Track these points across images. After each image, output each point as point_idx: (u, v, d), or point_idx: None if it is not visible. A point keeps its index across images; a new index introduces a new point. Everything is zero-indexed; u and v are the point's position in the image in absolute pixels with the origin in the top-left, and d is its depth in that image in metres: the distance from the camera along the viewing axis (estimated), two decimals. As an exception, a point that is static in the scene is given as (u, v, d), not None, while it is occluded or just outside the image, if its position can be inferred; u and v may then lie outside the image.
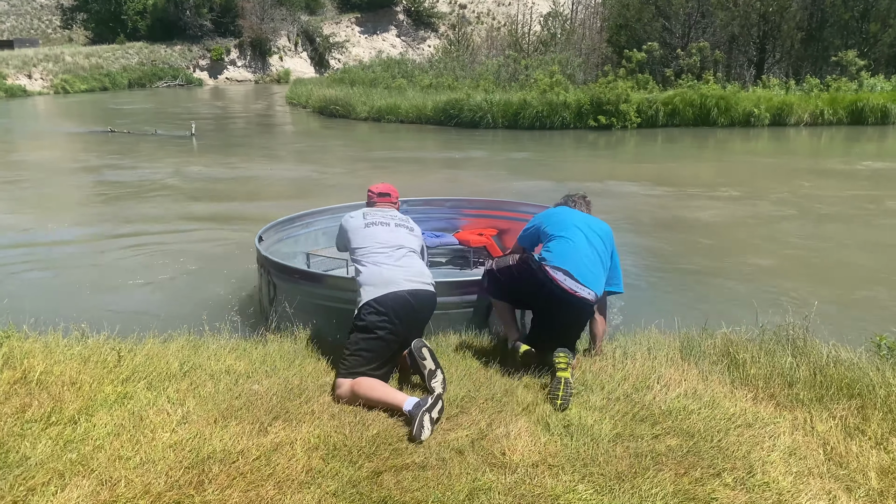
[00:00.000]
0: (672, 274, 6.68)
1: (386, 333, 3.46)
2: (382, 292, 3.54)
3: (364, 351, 3.41)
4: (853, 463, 2.75)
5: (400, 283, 3.58)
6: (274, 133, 21.60)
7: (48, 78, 39.83)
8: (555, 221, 3.96)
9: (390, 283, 3.57)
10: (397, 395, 3.19)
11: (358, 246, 3.82)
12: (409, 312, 3.56)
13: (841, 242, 7.75)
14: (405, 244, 3.86)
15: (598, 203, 4.72)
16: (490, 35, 35.99)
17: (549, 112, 19.10)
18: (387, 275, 3.62)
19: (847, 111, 19.32)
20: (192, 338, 4.09)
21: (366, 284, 3.61)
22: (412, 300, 3.57)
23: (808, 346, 3.74)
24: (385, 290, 3.55)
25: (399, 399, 3.13)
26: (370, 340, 3.44)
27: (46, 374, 3.37)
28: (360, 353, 3.41)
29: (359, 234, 3.87)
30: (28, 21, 56.68)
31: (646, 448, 2.83)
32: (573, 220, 3.93)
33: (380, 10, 59.97)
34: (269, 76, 52.01)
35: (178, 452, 2.73)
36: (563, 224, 3.90)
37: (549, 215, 4.06)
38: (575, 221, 3.91)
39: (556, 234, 3.86)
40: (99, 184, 11.84)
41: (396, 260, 3.73)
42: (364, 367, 3.36)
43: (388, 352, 3.49)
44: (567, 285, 3.61)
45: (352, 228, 3.92)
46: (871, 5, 24.09)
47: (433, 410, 2.99)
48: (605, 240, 3.91)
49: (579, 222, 3.91)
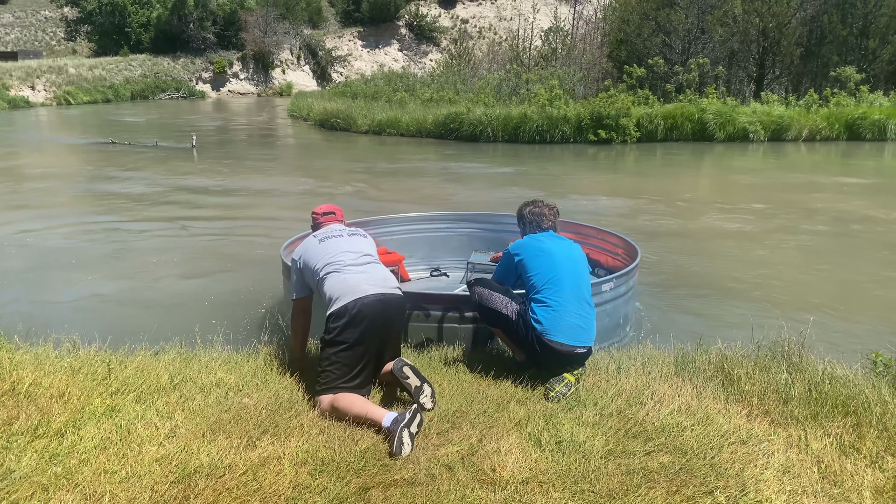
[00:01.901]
0: (667, 289, 6.66)
1: (355, 342, 3.38)
2: (348, 300, 3.45)
3: (338, 364, 3.35)
4: (848, 482, 2.71)
5: (366, 288, 3.49)
6: (275, 145, 21.65)
7: (51, 89, 40.06)
8: (538, 265, 3.78)
9: (355, 289, 3.48)
10: (377, 411, 3.12)
11: (319, 264, 3.67)
12: (377, 318, 3.46)
13: (836, 258, 7.74)
14: (365, 251, 3.78)
15: (593, 218, 4.70)
16: (491, 49, 36.18)
17: (550, 126, 19.17)
18: (351, 282, 3.53)
19: (845, 127, 19.37)
20: (183, 350, 4.07)
21: (330, 294, 3.51)
22: (379, 306, 3.47)
23: (804, 363, 3.71)
24: (351, 297, 3.46)
25: (378, 415, 3.08)
26: (341, 352, 3.38)
27: (35, 385, 3.34)
28: (334, 367, 3.35)
29: (317, 253, 3.74)
30: (32, 33, 57.04)
31: (638, 465, 2.79)
32: (557, 259, 3.78)
33: (382, 25, 60.37)
34: (272, 89, 52.28)
35: (165, 467, 2.70)
36: (550, 266, 3.75)
37: (530, 254, 3.86)
38: (560, 262, 3.77)
39: (543, 286, 3.71)
40: (97, 195, 11.85)
41: (359, 267, 3.65)
42: (339, 381, 3.32)
43: (362, 361, 3.42)
44: (566, 349, 3.62)
45: (308, 252, 3.79)
46: (869, 22, 24.23)
47: (412, 425, 2.93)
48: (588, 272, 3.91)
49: (564, 260, 3.78)
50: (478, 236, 6.80)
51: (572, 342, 3.62)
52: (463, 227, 6.88)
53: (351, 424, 3.11)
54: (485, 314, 3.91)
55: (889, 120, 19.10)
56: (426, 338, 4.30)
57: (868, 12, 24.06)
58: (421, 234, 6.80)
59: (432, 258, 6.76)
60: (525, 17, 45.33)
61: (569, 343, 3.61)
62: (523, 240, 4.01)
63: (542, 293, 3.70)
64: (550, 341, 3.61)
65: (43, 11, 58.29)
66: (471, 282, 4.08)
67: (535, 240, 3.95)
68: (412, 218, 6.88)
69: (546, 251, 3.83)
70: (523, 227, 4.18)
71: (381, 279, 3.63)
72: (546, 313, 3.64)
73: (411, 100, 25.25)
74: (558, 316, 3.63)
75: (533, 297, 3.73)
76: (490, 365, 3.85)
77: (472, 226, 6.88)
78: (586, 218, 9.35)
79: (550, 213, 4.11)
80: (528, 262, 3.83)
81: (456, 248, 6.78)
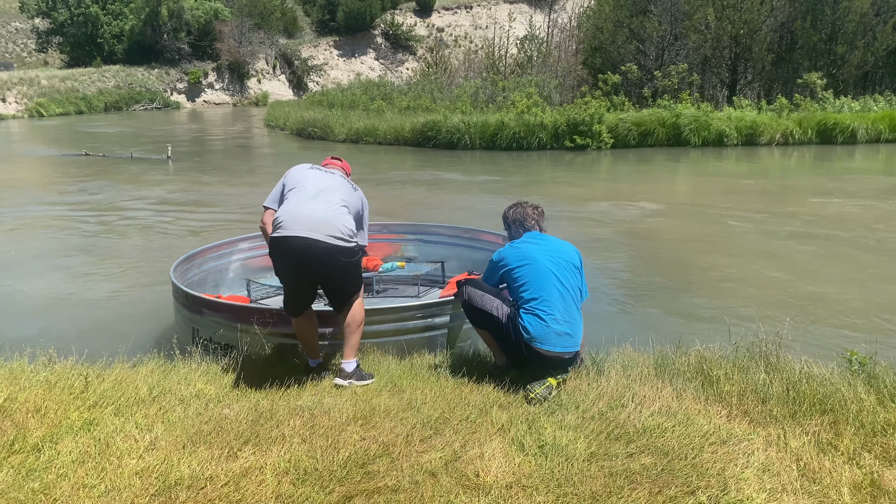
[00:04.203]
0: (646, 292, 6.71)
1: (284, 273, 3.73)
2: (281, 233, 3.59)
3: (283, 287, 3.79)
4: (826, 479, 2.75)
5: (297, 228, 3.56)
6: (251, 155, 21.53)
7: (23, 101, 39.50)
8: (524, 274, 3.75)
9: (289, 225, 3.59)
10: (312, 349, 3.82)
11: (288, 186, 3.83)
12: (299, 260, 3.59)
13: (809, 258, 7.85)
14: (329, 188, 3.79)
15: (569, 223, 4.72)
16: (467, 58, 36.33)
17: (527, 133, 19.27)
18: (291, 216, 3.62)
19: (816, 131, 19.71)
20: (162, 362, 4.02)
21: (275, 219, 3.71)
22: (302, 248, 3.56)
23: (781, 363, 3.75)
24: (283, 231, 3.58)
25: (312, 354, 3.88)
26: (280, 277, 3.81)
27: (10, 401, 3.29)
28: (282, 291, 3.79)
29: (295, 176, 3.88)
30: (3, 45, 56.22)
31: (620, 467, 2.81)
32: (541, 266, 3.74)
33: (358, 34, 60.38)
34: (247, 99, 52.01)
35: (145, 479, 2.67)
36: (538, 278, 3.71)
37: (515, 263, 3.81)
38: (545, 268, 3.73)
39: (531, 297, 3.68)
40: (70, 206, 11.69)
41: (310, 203, 3.67)
42: (287, 306, 3.77)
43: (294, 293, 3.77)
44: (554, 355, 3.64)
45: (291, 172, 3.93)
46: (838, 28, 24.67)
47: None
48: (576, 270, 3.86)
49: (551, 265, 3.75)
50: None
51: (559, 349, 3.64)
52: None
53: (337, 430, 3.11)
54: (474, 315, 3.90)
55: (859, 123, 19.46)
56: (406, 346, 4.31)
57: (836, 18, 24.50)
58: None
59: None
60: (500, 25, 45.61)
61: (555, 350, 3.64)
62: (506, 248, 3.94)
63: (532, 304, 3.69)
64: (538, 348, 3.63)
65: (13, 23, 57.49)
66: (461, 281, 4.08)
67: (518, 247, 3.88)
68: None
69: (531, 258, 3.78)
70: (508, 228, 4.14)
71: (320, 222, 3.61)
72: (534, 322, 3.64)
73: (388, 108, 25.26)
74: (546, 325, 3.63)
75: (522, 305, 3.72)
76: (472, 371, 3.85)
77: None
78: (563, 223, 9.41)
79: (535, 213, 4.06)
80: (515, 271, 3.79)
81: None
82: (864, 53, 24.35)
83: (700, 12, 25.23)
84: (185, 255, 5.53)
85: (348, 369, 3.71)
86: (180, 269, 5.25)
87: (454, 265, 6.44)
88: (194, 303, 4.54)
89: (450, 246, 6.62)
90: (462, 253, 6.54)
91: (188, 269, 5.44)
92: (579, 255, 3.94)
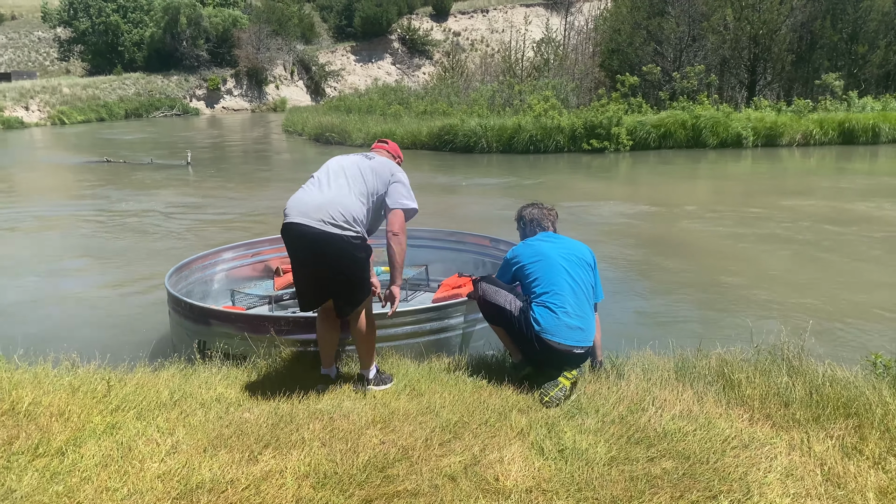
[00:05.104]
0: (666, 295, 6.66)
1: (293, 261, 3.66)
2: (285, 220, 3.56)
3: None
4: (851, 483, 2.71)
5: (295, 216, 3.51)
6: (270, 161, 21.68)
7: (45, 109, 40.07)
8: (537, 270, 3.80)
9: (291, 212, 3.55)
10: (326, 357, 3.80)
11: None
12: (301, 249, 3.55)
13: (833, 260, 7.75)
14: (346, 172, 3.67)
15: (588, 224, 4.71)
16: (484, 61, 36.38)
17: (544, 136, 19.24)
18: (295, 201, 3.59)
19: (837, 131, 19.50)
20: (182, 366, 4.06)
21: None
22: (299, 238, 3.52)
23: (804, 366, 3.70)
24: (287, 218, 3.55)
25: (325, 362, 3.84)
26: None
27: (35, 405, 3.33)
28: None
29: (324, 164, 3.82)
30: (26, 54, 57.14)
31: (641, 471, 2.79)
32: (554, 262, 3.79)
33: (375, 39, 60.63)
34: (266, 105, 52.40)
35: (167, 483, 2.69)
36: (550, 273, 3.76)
37: (528, 259, 3.87)
38: (557, 264, 3.78)
39: (543, 290, 3.72)
40: (93, 212, 11.83)
41: (318, 189, 3.60)
42: (300, 301, 3.72)
43: (304, 283, 3.68)
44: (564, 349, 3.64)
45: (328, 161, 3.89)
46: (858, 27, 24.42)
47: None
48: (588, 268, 3.88)
49: (562, 261, 3.79)
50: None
51: (570, 342, 3.64)
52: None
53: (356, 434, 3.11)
54: (487, 310, 3.92)
55: (882, 123, 19.23)
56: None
57: (858, 17, 24.25)
58: None
59: None
60: (517, 28, 45.64)
61: (566, 343, 3.63)
62: (519, 246, 4.02)
63: (543, 297, 3.72)
64: (549, 340, 3.63)
65: (36, 32, 58.42)
66: (476, 279, 4.09)
67: (531, 245, 3.96)
68: None
69: (543, 254, 3.84)
70: (522, 228, 4.20)
71: (313, 207, 3.50)
72: (546, 314, 3.66)
73: (405, 112, 25.33)
74: (557, 318, 3.65)
75: (534, 299, 3.75)
76: (490, 374, 3.85)
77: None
78: (580, 225, 9.37)
79: (549, 214, 4.15)
80: (527, 267, 3.85)
81: None
82: (886, 53, 24.05)
83: (718, 13, 25.09)
84: (175, 266, 5.50)
85: (368, 376, 3.72)
86: (172, 281, 5.21)
87: (439, 268, 6.42)
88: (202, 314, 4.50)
89: (433, 249, 6.58)
90: (447, 255, 6.51)
91: (177, 282, 5.40)
92: (592, 255, 3.97)
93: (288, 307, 5.91)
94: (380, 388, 3.67)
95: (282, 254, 6.37)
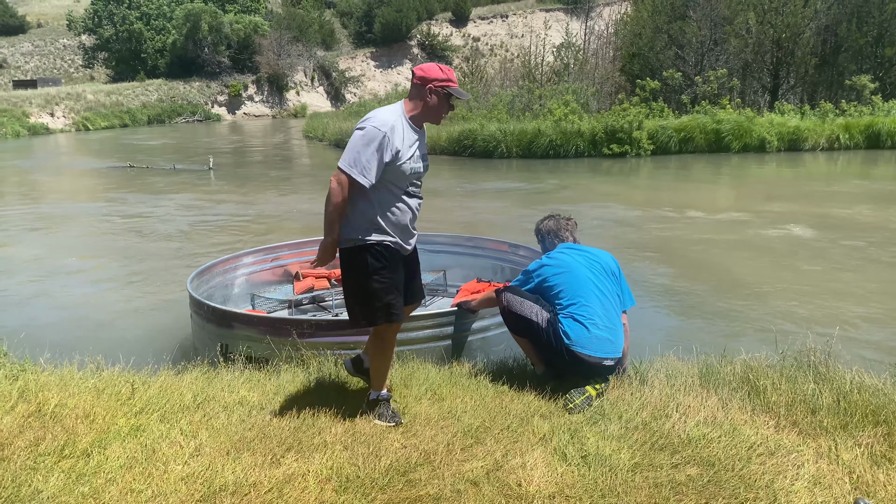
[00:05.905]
0: (689, 301, 6.60)
1: (377, 283, 3.23)
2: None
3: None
4: (881, 492, 2.66)
5: (407, 247, 3.35)
6: (291, 166, 21.82)
7: (70, 116, 40.67)
8: (562, 282, 3.76)
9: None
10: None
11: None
12: None
13: (860, 266, 7.64)
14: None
15: (608, 230, 4.67)
16: (503, 66, 36.29)
17: (564, 141, 19.17)
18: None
19: (863, 136, 19.24)
20: (206, 369, 4.08)
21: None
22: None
23: (831, 373, 3.65)
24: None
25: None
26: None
27: (61, 406, 3.37)
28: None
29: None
30: (51, 61, 58.08)
31: (665, 478, 2.76)
32: (579, 273, 3.75)
33: (394, 45, 60.85)
34: (287, 111, 52.75)
35: (190, 485, 2.70)
36: (575, 284, 3.73)
37: (554, 268, 3.83)
38: (582, 275, 3.75)
39: (570, 302, 3.69)
40: (117, 217, 11.98)
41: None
42: None
43: None
44: (594, 360, 3.61)
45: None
46: (885, 30, 24.08)
47: None
48: (613, 277, 3.84)
49: (588, 272, 3.76)
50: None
51: (600, 354, 3.61)
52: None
53: (378, 438, 3.11)
54: (512, 321, 3.87)
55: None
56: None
57: (884, 20, 23.91)
58: None
59: None
60: (536, 33, 45.59)
61: (596, 355, 3.60)
62: (542, 259, 3.96)
63: (570, 308, 3.69)
64: (579, 353, 3.60)
65: (61, 40, 59.37)
66: (499, 288, 4.06)
67: (554, 257, 3.92)
68: None
69: (567, 266, 3.80)
70: (542, 241, 4.16)
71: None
72: (575, 327, 3.63)
73: (425, 118, 25.34)
74: (587, 330, 3.62)
75: (561, 311, 3.71)
76: (512, 379, 3.83)
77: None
78: (602, 231, 9.32)
79: (568, 224, 4.10)
80: (551, 279, 3.81)
81: None
82: (913, 55, 23.73)
83: (741, 17, 24.86)
84: (196, 270, 5.56)
85: (369, 398, 3.44)
86: (194, 285, 5.25)
87: (457, 273, 6.41)
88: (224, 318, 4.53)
89: (452, 255, 6.57)
90: (465, 261, 6.51)
91: (199, 286, 5.44)
92: (616, 262, 3.93)
93: (307, 311, 5.94)
94: (378, 421, 3.30)
95: (301, 258, 6.41)
